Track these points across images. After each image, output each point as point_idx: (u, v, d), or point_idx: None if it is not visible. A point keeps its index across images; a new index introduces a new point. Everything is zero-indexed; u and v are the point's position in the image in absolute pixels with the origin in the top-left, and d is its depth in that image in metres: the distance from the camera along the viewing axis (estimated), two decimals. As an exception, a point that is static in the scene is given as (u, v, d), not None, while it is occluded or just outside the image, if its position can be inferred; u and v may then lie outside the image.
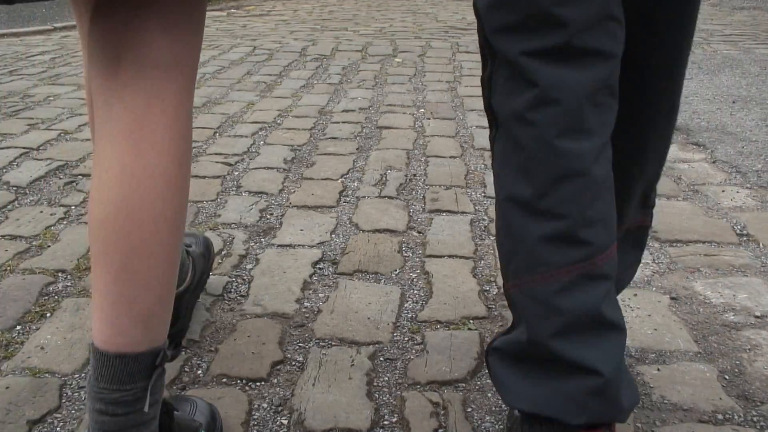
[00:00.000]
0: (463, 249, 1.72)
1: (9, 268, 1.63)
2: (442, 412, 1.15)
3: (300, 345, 1.33)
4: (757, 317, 1.43)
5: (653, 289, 1.54)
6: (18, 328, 1.39)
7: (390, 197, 2.07)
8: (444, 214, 1.96)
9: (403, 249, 1.74)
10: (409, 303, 1.49)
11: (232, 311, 1.45)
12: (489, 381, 1.22)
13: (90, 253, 0.89)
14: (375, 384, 1.22)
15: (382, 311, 1.45)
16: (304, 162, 2.39)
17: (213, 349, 1.32)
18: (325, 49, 4.68)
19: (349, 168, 2.32)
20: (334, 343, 1.34)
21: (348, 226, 1.87)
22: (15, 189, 2.13)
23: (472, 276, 1.60)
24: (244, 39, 5.16)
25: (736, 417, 1.13)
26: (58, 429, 1.11)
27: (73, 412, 1.15)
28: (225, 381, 1.22)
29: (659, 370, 1.26)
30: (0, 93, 3.39)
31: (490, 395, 1.19)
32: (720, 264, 1.65)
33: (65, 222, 1.89)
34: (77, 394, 1.19)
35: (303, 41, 5.04)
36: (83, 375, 1.24)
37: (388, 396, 1.19)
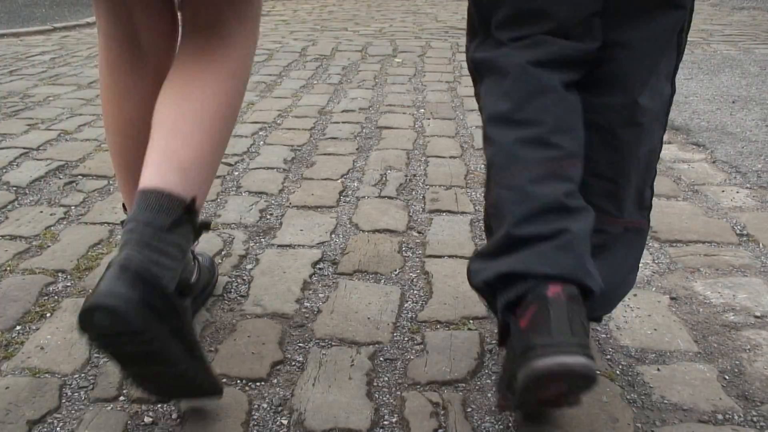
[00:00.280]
0: (463, 249, 1.72)
1: (9, 268, 1.63)
2: (442, 412, 1.15)
3: (300, 345, 1.34)
4: (757, 317, 1.43)
5: (653, 289, 1.54)
6: (18, 328, 1.39)
7: (390, 197, 2.07)
8: (444, 214, 1.96)
9: (403, 249, 1.74)
10: (409, 303, 1.49)
11: (232, 311, 1.45)
12: (489, 381, 1.22)
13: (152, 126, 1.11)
14: (375, 384, 1.22)
15: (382, 311, 1.45)
16: (304, 162, 2.39)
17: (213, 349, 1.32)
18: (325, 50, 4.68)
19: (349, 168, 2.33)
20: (334, 343, 1.34)
21: (348, 226, 1.87)
22: (15, 189, 2.13)
23: (472, 276, 1.60)
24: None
25: (736, 417, 1.14)
26: (57, 429, 1.11)
27: (73, 412, 1.15)
28: (225, 381, 1.22)
29: (659, 370, 1.26)
30: (0, 93, 3.39)
31: (490, 395, 1.19)
32: (720, 264, 1.65)
33: (65, 222, 1.89)
34: (77, 394, 1.19)
35: (303, 41, 5.04)
36: (83, 375, 1.24)
37: (388, 396, 1.19)
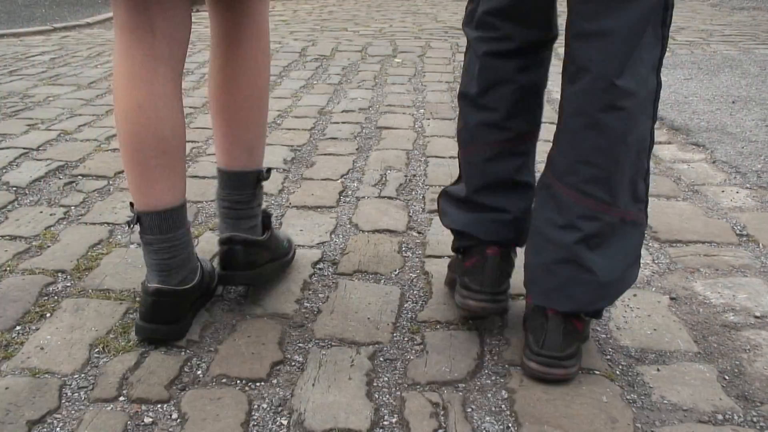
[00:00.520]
0: (463, 249, 1.72)
1: (9, 268, 1.63)
2: (441, 412, 1.15)
3: (300, 345, 1.33)
4: (757, 317, 1.43)
5: (653, 290, 1.54)
6: (18, 328, 1.39)
7: (390, 197, 2.07)
8: (444, 214, 1.95)
9: (403, 249, 1.74)
10: (409, 303, 1.49)
11: (232, 311, 1.45)
12: (489, 381, 1.22)
13: (210, 110, 1.44)
14: (375, 384, 1.22)
15: (381, 311, 1.45)
16: (303, 162, 2.39)
17: (213, 350, 1.32)
18: (325, 50, 4.68)
19: (349, 168, 2.33)
20: (333, 344, 1.34)
21: (348, 226, 1.87)
22: (15, 189, 2.13)
23: (471, 276, 1.60)
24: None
25: (735, 417, 1.13)
26: (57, 429, 1.11)
27: (73, 412, 1.15)
28: (225, 381, 1.22)
29: (659, 370, 1.26)
30: (0, 93, 3.39)
31: (490, 395, 1.19)
32: (720, 264, 1.65)
33: (65, 222, 1.89)
34: (77, 394, 1.19)
35: (303, 41, 5.04)
36: (83, 375, 1.24)
37: (387, 396, 1.19)
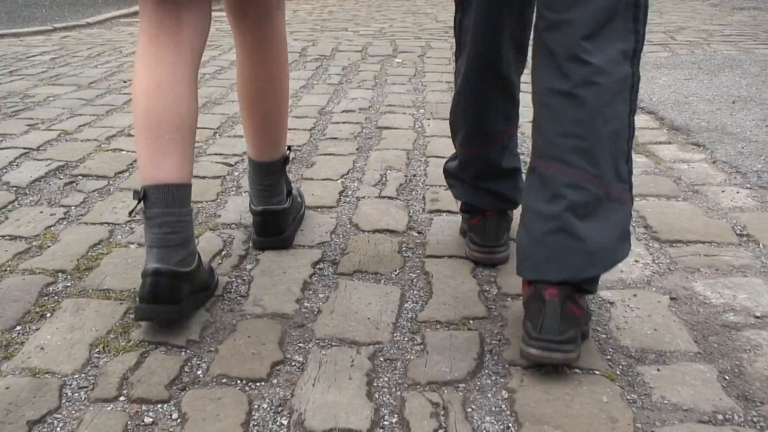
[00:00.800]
0: (463, 249, 1.72)
1: (9, 268, 1.63)
2: (442, 412, 1.15)
3: (300, 345, 1.33)
4: (757, 317, 1.42)
5: (653, 290, 1.54)
6: (18, 328, 1.39)
7: (390, 197, 2.07)
8: (444, 214, 1.96)
9: (403, 249, 1.74)
10: (409, 303, 1.49)
11: (232, 311, 1.45)
12: (489, 381, 1.22)
13: (241, 113, 1.67)
14: (375, 384, 1.22)
15: (382, 311, 1.45)
16: (304, 162, 2.39)
17: (213, 350, 1.32)
18: (325, 50, 4.68)
19: (349, 168, 2.33)
20: (334, 344, 1.34)
21: (348, 226, 1.87)
22: (15, 189, 2.13)
23: (471, 276, 1.60)
24: (244, 39, 5.15)
25: (736, 417, 1.13)
26: (57, 429, 1.11)
27: (73, 412, 1.15)
28: (225, 381, 1.22)
29: (659, 370, 1.26)
30: (0, 93, 3.39)
31: (490, 395, 1.19)
32: (720, 264, 1.65)
33: (65, 222, 1.89)
34: (77, 394, 1.19)
35: (303, 41, 5.04)
36: (83, 375, 1.24)
37: (388, 396, 1.19)
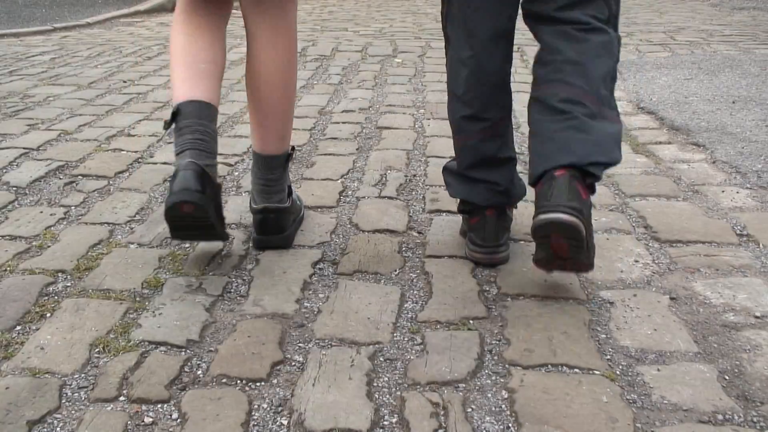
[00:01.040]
0: (463, 249, 1.72)
1: (9, 268, 1.63)
2: (442, 412, 1.15)
3: (300, 345, 1.34)
4: (757, 317, 1.42)
5: (653, 290, 1.54)
6: (18, 328, 1.39)
7: (390, 197, 2.07)
8: (444, 214, 1.96)
9: (403, 249, 1.74)
10: (409, 303, 1.49)
11: (232, 311, 1.45)
12: (489, 381, 1.23)
13: (249, 105, 1.69)
14: (375, 384, 1.22)
15: (382, 311, 1.45)
16: (304, 162, 2.39)
17: (213, 349, 1.32)
18: (325, 50, 4.68)
19: (349, 168, 2.33)
20: (334, 344, 1.34)
21: (348, 226, 1.87)
22: (15, 189, 2.13)
23: (471, 276, 1.60)
24: (244, 40, 5.13)
25: (736, 417, 1.13)
26: (57, 429, 1.11)
27: (73, 412, 1.15)
28: (225, 381, 1.22)
29: (659, 370, 1.26)
30: (0, 93, 3.39)
31: (490, 395, 1.19)
32: (720, 264, 1.65)
33: (65, 222, 1.89)
34: (77, 394, 1.19)
35: (303, 41, 5.04)
36: (83, 375, 1.24)
37: (388, 396, 1.19)
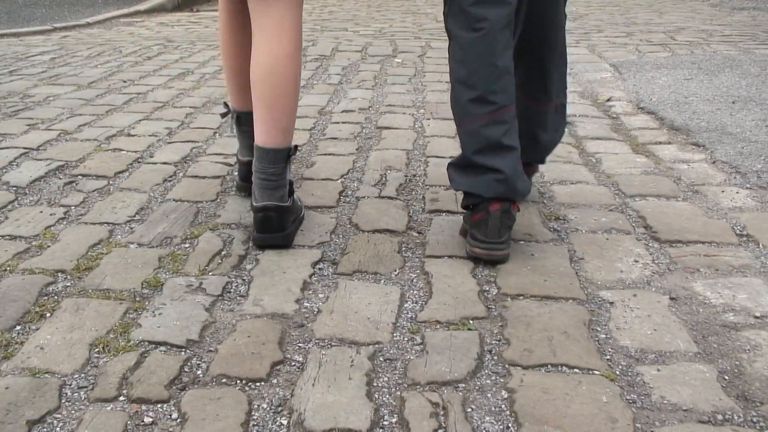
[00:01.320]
0: (463, 249, 1.72)
1: (9, 268, 1.63)
2: (441, 412, 1.15)
3: (300, 345, 1.34)
4: (757, 318, 1.43)
5: (653, 290, 1.54)
6: (18, 328, 1.39)
7: (390, 197, 2.07)
8: (444, 214, 1.96)
9: (403, 249, 1.74)
10: (409, 303, 1.49)
11: (232, 311, 1.45)
12: (489, 381, 1.23)
13: (252, 96, 1.70)
14: (375, 384, 1.22)
15: (381, 311, 1.45)
16: (303, 162, 2.39)
17: (213, 349, 1.32)
18: (325, 50, 4.68)
19: (349, 168, 2.33)
20: (333, 344, 1.34)
21: (348, 226, 1.87)
22: (15, 189, 2.13)
23: (471, 276, 1.60)
24: (244, 39, 5.14)
25: (735, 417, 1.14)
26: (57, 429, 1.11)
27: (73, 412, 1.15)
28: (225, 381, 1.22)
29: (659, 370, 1.26)
30: (0, 93, 3.39)
31: (489, 395, 1.19)
32: (720, 264, 1.65)
33: (65, 222, 1.89)
34: (77, 394, 1.19)
35: (303, 41, 5.03)
36: (83, 375, 1.24)
37: (387, 396, 1.19)
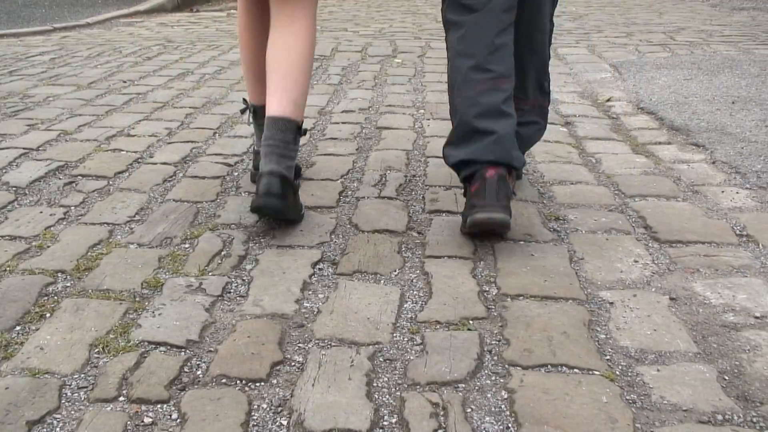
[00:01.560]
0: (463, 249, 1.72)
1: (9, 268, 1.63)
2: (441, 412, 1.15)
3: (299, 345, 1.34)
4: (757, 318, 1.43)
5: (653, 290, 1.54)
6: (17, 328, 1.39)
7: (389, 198, 2.07)
8: (443, 214, 1.96)
9: (403, 249, 1.74)
10: (409, 303, 1.49)
11: (231, 311, 1.45)
12: (489, 381, 1.23)
13: (267, 70, 1.84)
14: (374, 384, 1.22)
15: (381, 312, 1.45)
16: (303, 162, 2.39)
17: (213, 350, 1.32)
18: (325, 50, 4.68)
19: (349, 168, 2.33)
20: (333, 344, 1.34)
21: (348, 226, 1.87)
22: (15, 189, 2.13)
23: (471, 276, 1.60)
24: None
25: (735, 418, 1.14)
26: (57, 429, 1.11)
27: (73, 412, 1.15)
28: (225, 381, 1.22)
29: (659, 370, 1.26)
30: (0, 93, 3.39)
31: (489, 396, 1.19)
32: (720, 264, 1.65)
33: (65, 222, 1.89)
34: (77, 394, 1.19)
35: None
36: (83, 375, 1.24)
37: (387, 396, 1.19)
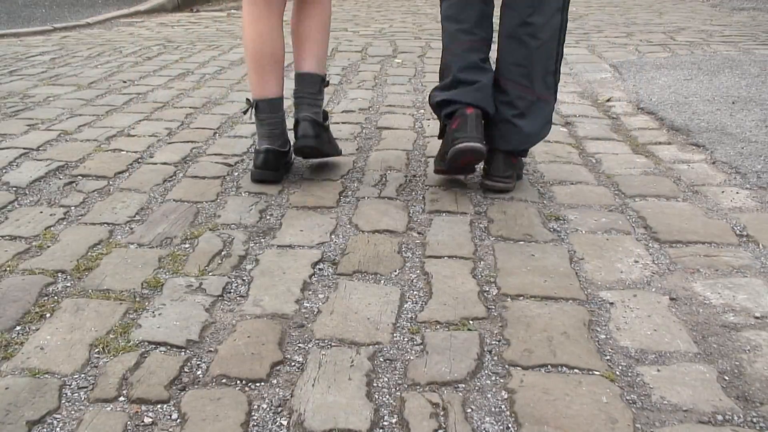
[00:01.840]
0: (463, 249, 1.72)
1: (9, 268, 1.63)
2: (441, 412, 1.15)
3: (300, 345, 1.34)
4: (757, 318, 1.43)
5: (653, 290, 1.54)
6: (18, 328, 1.39)
7: (390, 198, 2.07)
8: (444, 214, 1.96)
9: (403, 249, 1.74)
10: (409, 303, 1.49)
11: (232, 311, 1.45)
12: (489, 381, 1.22)
13: (292, 38, 2.19)
14: (375, 385, 1.22)
15: (381, 312, 1.45)
16: (303, 162, 2.39)
17: (213, 350, 1.32)
18: (325, 50, 4.68)
19: (349, 168, 2.33)
20: (333, 344, 1.34)
21: (348, 226, 1.87)
22: (15, 189, 2.13)
23: (471, 276, 1.60)
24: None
25: (735, 418, 1.14)
26: (57, 429, 1.11)
27: (73, 412, 1.15)
28: (224, 381, 1.22)
29: (659, 371, 1.26)
30: (0, 93, 3.39)
31: (489, 396, 1.19)
32: (720, 265, 1.65)
33: (65, 222, 1.89)
34: (77, 394, 1.19)
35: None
36: (83, 375, 1.24)
37: (387, 396, 1.19)
